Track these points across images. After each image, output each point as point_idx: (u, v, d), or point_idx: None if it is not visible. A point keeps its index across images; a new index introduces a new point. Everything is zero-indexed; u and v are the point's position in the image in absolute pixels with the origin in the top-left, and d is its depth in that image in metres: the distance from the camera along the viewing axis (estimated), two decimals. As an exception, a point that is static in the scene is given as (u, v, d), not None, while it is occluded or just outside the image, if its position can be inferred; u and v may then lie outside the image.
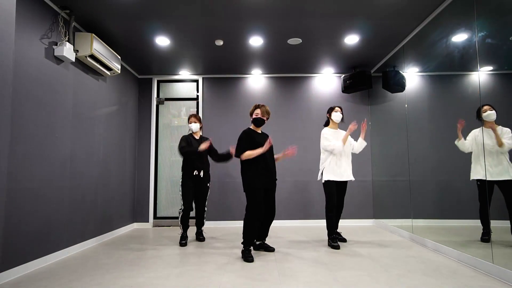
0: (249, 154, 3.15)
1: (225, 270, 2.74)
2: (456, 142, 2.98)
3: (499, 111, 2.59)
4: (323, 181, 3.63)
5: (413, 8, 3.26)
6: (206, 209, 4.01)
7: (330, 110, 3.79)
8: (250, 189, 3.13)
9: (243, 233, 3.12)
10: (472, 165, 2.84)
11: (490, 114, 2.63)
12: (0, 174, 1.58)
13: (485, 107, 2.65)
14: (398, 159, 4.24)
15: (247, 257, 3.02)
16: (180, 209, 3.79)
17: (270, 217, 3.34)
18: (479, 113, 2.71)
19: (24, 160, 2.73)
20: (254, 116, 3.32)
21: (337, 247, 3.44)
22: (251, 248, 3.24)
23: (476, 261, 2.70)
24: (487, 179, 2.63)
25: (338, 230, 4.02)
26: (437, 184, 3.40)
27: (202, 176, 3.85)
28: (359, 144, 3.77)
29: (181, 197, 3.78)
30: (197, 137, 3.96)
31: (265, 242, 3.51)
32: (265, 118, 3.32)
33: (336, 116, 3.72)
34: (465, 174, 2.93)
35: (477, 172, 2.78)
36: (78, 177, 3.50)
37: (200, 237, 3.98)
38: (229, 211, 5.09)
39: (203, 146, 3.71)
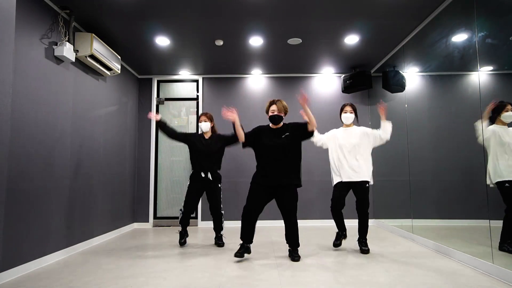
0: (238, 133, 3.09)
1: (225, 270, 2.74)
2: (476, 123, 2.69)
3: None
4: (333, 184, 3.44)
5: (413, 8, 3.26)
6: (223, 212, 3.68)
7: (341, 110, 3.49)
8: (251, 184, 3.10)
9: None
10: (491, 166, 2.57)
11: (510, 116, 2.50)
12: (0, 174, 1.58)
13: (509, 107, 2.49)
14: (398, 159, 4.24)
15: (236, 252, 3.00)
16: (181, 210, 3.68)
17: (288, 220, 3.04)
18: (498, 109, 2.54)
19: (24, 160, 2.73)
20: (270, 114, 3.11)
21: (334, 245, 3.44)
22: (247, 244, 3.07)
23: (476, 261, 2.70)
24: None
25: (363, 239, 3.36)
26: (437, 184, 3.40)
27: (211, 178, 3.59)
28: (383, 129, 3.30)
29: (185, 199, 3.62)
30: (207, 137, 3.68)
31: (296, 251, 3.07)
32: (282, 115, 3.09)
33: (345, 118, 3.40)
34: (465, 174, 2.93)
35: (500, 174, 2.52)
36: (78, 177, 3.50)
37: (219, 242, 3.65)
38: (229, 211, 5.09)
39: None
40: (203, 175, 3.58)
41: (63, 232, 3.24)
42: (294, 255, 3.01)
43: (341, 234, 3.48)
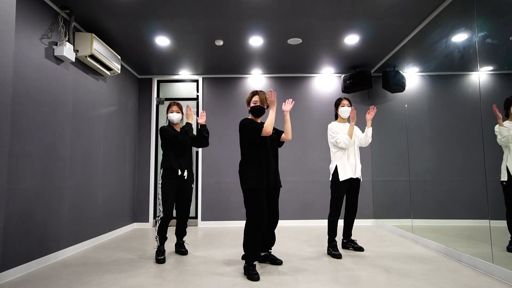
0: (269, 123, 2.62)
1: (225, 270, 2.74)
2: (496, 128, 2.55)
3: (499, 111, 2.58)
4: (332, 179, 3.29)
5: (413, 8, 3.26)
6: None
7: (337, 104, 3.42)
8: (250, 191, 2.64)
9: (245, 246, 2.63)
10: (502, 165, 2.49)
11: None
12: (0, 174, 1.58)
13: None
14: (398, 159, 4.24)
15: (251, 274, 2.51)
16: (158, 217, 3.10)
17: (274, 223, 2.89)
18: (508, 104, 2.43)
19: (24, 160, 2.73)
20: (252, 105, 2.81)
21: (338, 256, 3.09)
22: (255, 263, 2.69)
23: (476, 261, 2.70)
24: None
25: (352, 238, 3.56)
26: (437, 184, 3.40)
27: (186, 177, 3.23)
28: (366, 134, 3.37)
29: (160, 202, 3.09)
30: (177, 129, 3.32)
31: (271, 253, 3.02)
32: (265, 107, 2.81)
33: (344, 112, 3.34)
34: (465, 174, 2.93)
35: (504, 172, 2.45)
36: (78, 177, 3.50)
37: (182, 249, 3.33)
38: (227, 210, 5.09)
39: (202, 119, 3.32)
40: (179, 172, 3.17)
41: (63, 232, 3.24)
42: (277, 258, 2.94)
43: (352, 242, 3.45)
